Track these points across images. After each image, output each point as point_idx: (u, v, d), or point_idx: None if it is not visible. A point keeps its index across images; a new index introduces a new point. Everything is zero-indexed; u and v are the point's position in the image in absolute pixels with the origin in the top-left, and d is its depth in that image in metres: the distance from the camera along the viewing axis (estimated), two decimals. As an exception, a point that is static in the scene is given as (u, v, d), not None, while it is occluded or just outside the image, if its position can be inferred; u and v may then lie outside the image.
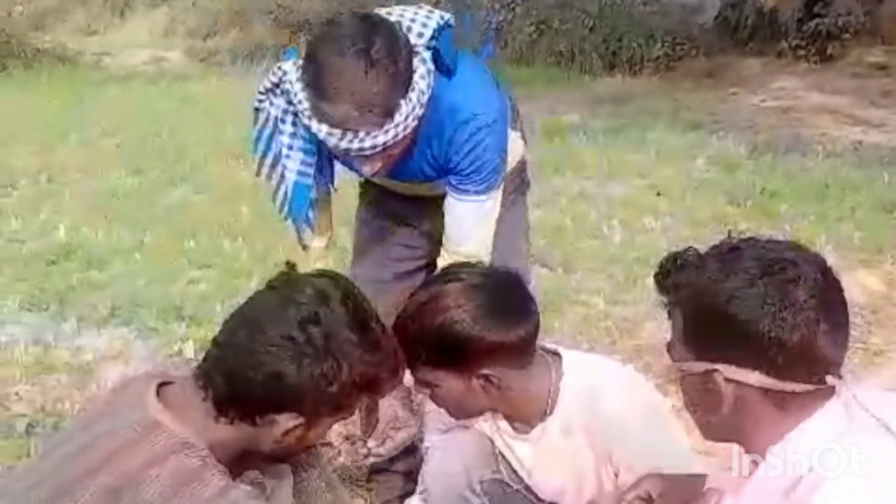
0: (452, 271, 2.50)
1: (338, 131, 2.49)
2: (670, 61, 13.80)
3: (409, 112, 2.53)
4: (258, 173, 2.90)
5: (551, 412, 2.53)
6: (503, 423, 2.65)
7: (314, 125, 2.52)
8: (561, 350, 2.60)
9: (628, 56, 13.79)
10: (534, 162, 3.62)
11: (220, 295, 5.61)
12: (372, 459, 2.96)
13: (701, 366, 1.77)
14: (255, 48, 15.10)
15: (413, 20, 2.67)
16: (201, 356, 2.10)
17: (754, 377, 1.72)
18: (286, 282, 2.08)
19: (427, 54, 2.62)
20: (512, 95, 3.05)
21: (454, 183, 2.85)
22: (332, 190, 3.05)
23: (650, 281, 2.01)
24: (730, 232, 1.93)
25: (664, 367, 1.93)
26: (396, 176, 2.87)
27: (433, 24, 2.69)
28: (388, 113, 2.50)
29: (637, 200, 7.33)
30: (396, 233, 3.22)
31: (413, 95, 2.54)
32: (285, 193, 2.86)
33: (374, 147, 2.52)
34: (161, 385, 2.07)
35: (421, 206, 3.13)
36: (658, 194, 7.44)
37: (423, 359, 2.38)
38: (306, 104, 2.53)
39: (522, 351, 2.43)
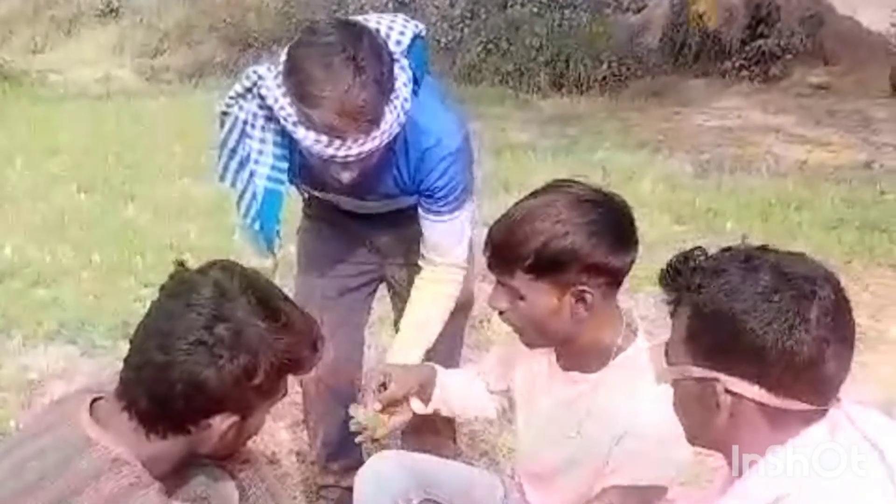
0: (564, 183, 2.40)
1: (325, 138, 2.49)
2: (617, 81, 13.89)
3: (393, 119, 2.54)
4: (222, 178, 2.84)
5: (609, 363, 2.43)
6: (550, 357, 2.55)
7: (300, 132, 2.51)
8: (638, 324, 2.51)
9: (575, 76, 13.86)
10: (483, 179, 3.64)
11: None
12: (367, 444, 2.89)
13: (701, 372, 1.75)
14: (203, 66, 15.04)
15: (391, 28, 2.69)
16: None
17: (755, 391, 1.69)
18: (181, 285, 2.01)
19: (405, 62, 2.64)
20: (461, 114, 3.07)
21: (427, 205, 2.87)
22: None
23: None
24: (744, 237, 1.93)
25: (660, 370, 1.89)
26: (358, 192, 2.86)
27: (409, 34, 2.71)
28: (375, 120, 2.51)
29: (584, 220, 7.23)
30: (344, 248, 3.21)
31: (397, 103, 2.55)
32: (252, 199, 2.82)
33: (359, 154, 2.52)
34: (95, 401, 2.02)
35: (373, 222, 3.13)
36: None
37: (525, 265, 2.27)
38: (290, 110, 2.52)
39: (619, 280, 2.36)
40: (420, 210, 2.92)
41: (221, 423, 1.97)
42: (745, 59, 13.83)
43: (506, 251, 2.28)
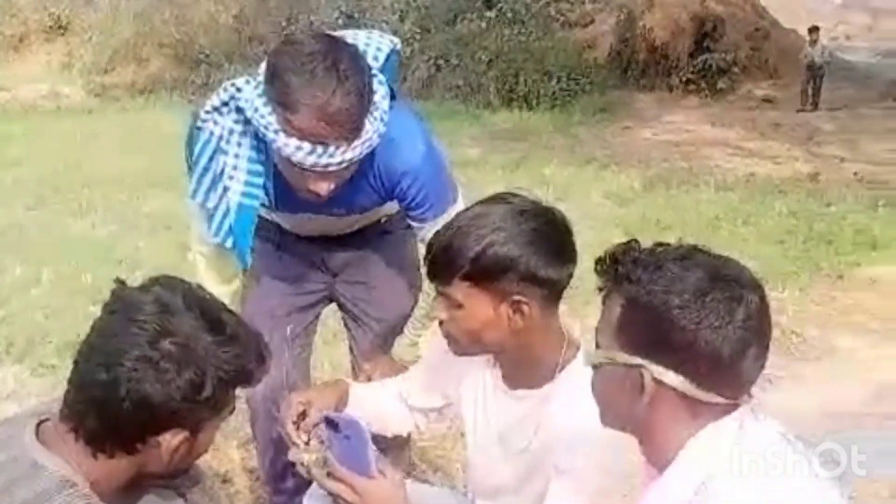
0: (506, 194, 2.41)
1: (307, 145, 2.46)
2: (566, 96, 13.99)
3: (373, 130, 2.53)
4: (194, 195, 2.75)
5: (555, 377, 2.37)
6: (495, 375, 2.51)
7: (281, 140, 2.47)
8: (580, 340, 2.46)
9: (525, 91, 13.95)
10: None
11: (119, 330, 5.53)
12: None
13: (629, 359, 1.77)
14: (153, 83, 15.01)
15: (367, 44, 2.68)
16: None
17: (679, 382, 1.72)
18: (122, 301, 1.94)
19: (382, 77, 2.63)
20: None
21: (412, 214, 2.87)
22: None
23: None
24: (680, 239, 1.91)
25: (587, 352, 1.92)
26: (332, 207, 2.84)
27: (386, 49, 2.72)
28: (357, 129, 2.49)
29: (533, 235, 7.27)
30: (294, 267, 3.20)
31: (377, 114, 2.54)
32: (224, 216, 2.75)
33: (340, 163, 2.50)
34: (41, 423, 1.97)
35: (326, 242, 3.14)
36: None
37: (462, 273, 2.25)
38: (270, 119, 2.48)
39: (557, 293, 2.32)
40: (408, 219, 2.92)
41: (171, 440, 1.94)
42: (692, 74, 13.99)
43: (444, 259, 2.28)
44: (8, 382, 4.99)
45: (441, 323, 2.39)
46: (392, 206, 3.00)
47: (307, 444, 2.50)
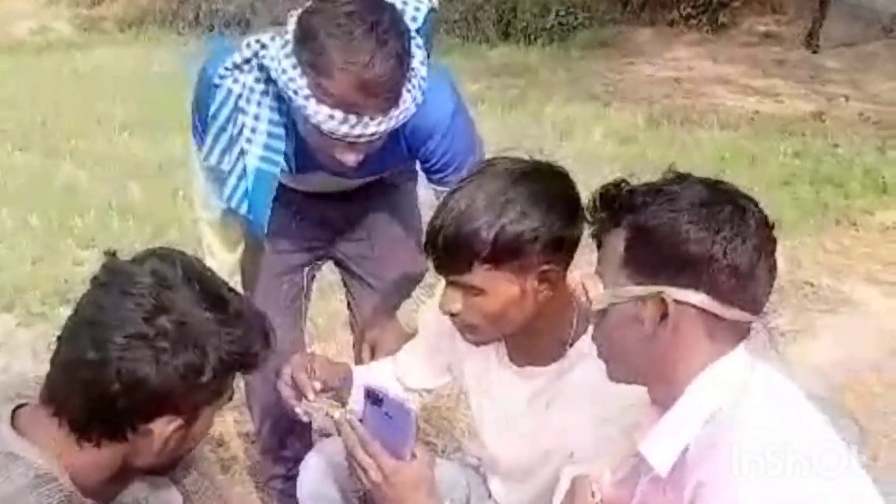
0: (494, 162, 2.24)
1: (340, 114, 2.30)
2: (564, 31, 13.77)
3: (411, 100, 2.39)
4: (208, 156, 2.63)
5: (566, 352, 2.29)
6: (500, 353, 2.41)
7: (311, 106, 2.31)
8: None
9: (522, 26, 13.73)
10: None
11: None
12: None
13: (647, 289, 1.74)
14: (143, 15, 14.75)
15: (405, 2, 2.48)
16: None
17: (701, 299, 1.70)
18: (115, 274, 1.79)
19: (420, 40, 2.47)
20: None
21: (435, 178, 2.74)
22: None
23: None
24: (671, 167, 1.90)
25: (595, 296, 1.83)
26: (349, 171, 2.68)
27: (424, 9, 2.52)
28: (395, 98, 2.34)
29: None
30: (292, 224, 3.02)
31: (415, 82, 2.39)
32: (239, 180, 2.61)
33: (373, 134, 2.35)
34: (18, 408, 1.82)
35: (326, 198, 2.98)
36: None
37: (482, 257, 2.12)
38: (300, 83, 2.32)
39: (573, 253, 2.22)
40: (431, 185, 2.79)
41: (164, 428, 1.78)
42: (692, 8, 13.75)
43: (457, 248, 2.11)
44: (-4, 332, 4.78)
45: (453, 315, 2.24)
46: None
47: (323, 392, 2.40)
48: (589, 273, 1.96)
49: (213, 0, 14.61)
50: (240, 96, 2.52)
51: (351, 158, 2.44)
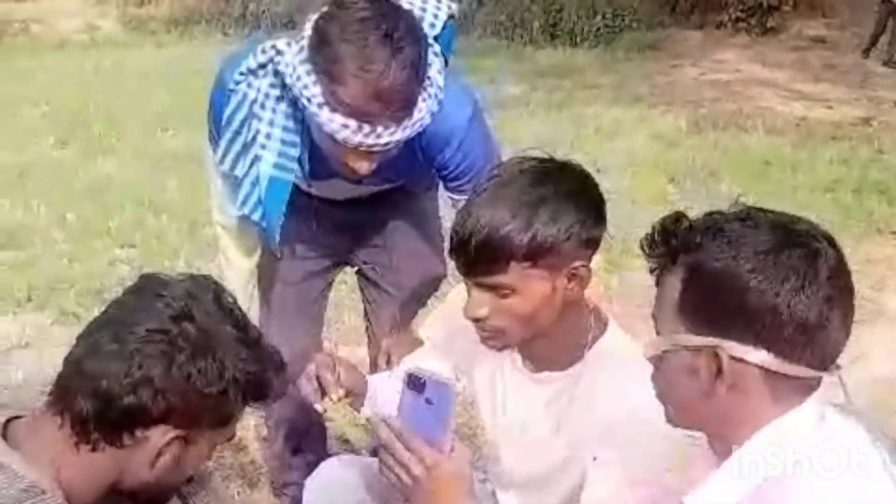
0: (517, 161, 2.16)
1: (353, 123, 2.25)
2: (611, 33, 13.72)
3: (427, 109, 2.33)
4: (221, 161, 2.58)
5: (583, 356, 2.22)
6: (513, 358, 2.33)
7: (324, 115, 2.26)
8: (608, 315, 2.31)
9: (569, 27, 13.69)
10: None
11: (143, 276, 5.40)
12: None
13: (700, 340, 1.58)
14: (190, 15, 14.83)
15: (424, 9, 2.43)
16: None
17: (762, 357, 1.53)
18: (149, 281, 1.80)
19: (438, 48, 2.42)
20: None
21: (451, 186, 2.67)
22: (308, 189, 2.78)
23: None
24: (739, 196, 1.74)
25: (648, 341, 1.72)
26: (363, 178, 2.65)
27: (443, 16, 2.47)
28: (409, 107, 2.29)
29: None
30: (310, 229, 2.98)
31: (431, 91, 2.34)
32: (253, 186, 2.58)
33: (387, 144, 2.29)
34: (11, 420, 1.82)
35: (345, 205, 2.93)
36: (598, 171, 7.25)
37: (520, 255, 2.06)
38: (314, 90, 2.27)
39: (597, 249, 2.16)
40: (447, 193, 2.72)
41: (160, 439, 1.74)
42: (741, 11, 13.66)
43: (494, 247, 2.05)
44: (28, 331, 4.84)
45: (478, 321, 2.17)
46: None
47: (345, 396, 2.36)
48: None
49: (260, 0, 14.68)
50: (254, 101, 2.48)
51: (364, 167, 2.39)
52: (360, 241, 3.03)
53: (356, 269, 3.14)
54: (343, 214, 2.94)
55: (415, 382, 1.88)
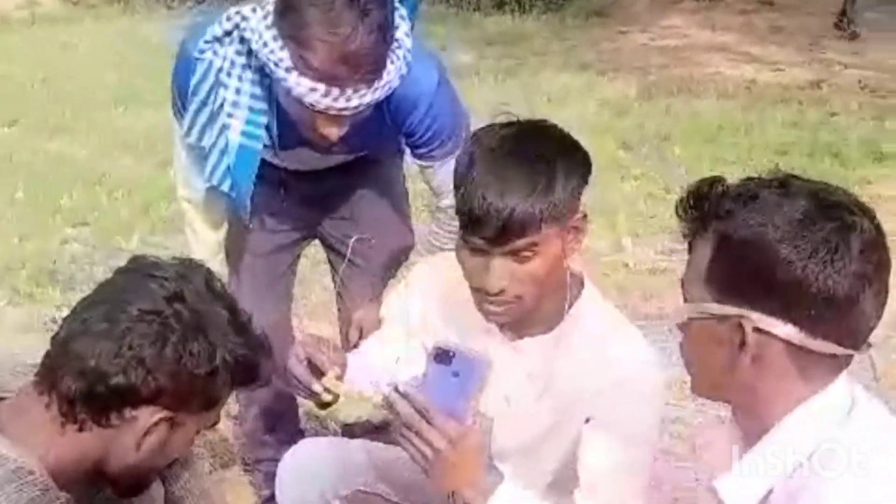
0: (505, 125, 2.17)
1: (322, 86, 2.25)
2: (559, 0, 13.67)
3: (395, 72, 2.35)
4: (188, 133, 2.58)
5: (564, 318, 2.24)
6: (490, 326, 2.32)
7: (292, 79, 2.27)
8: (582, 273, 2.32)
9: (517, -7, 13.63)
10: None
11: (97, 255, 5.34)
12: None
13: (726, 310, 1.56)
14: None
15: None
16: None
17: (787, 331, 1.52)
18: (140, 263, 1.84)
19: (404, 11, 2.43)
20: None
21: (419, 153, 2.69)
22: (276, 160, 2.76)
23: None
24: (777, 165, 1.72)
25: (674, 308, 1.70)
26: (332, 145, 2.62)
27: None
28: (377, 70, 2.30)
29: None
30: (277, 202, 2.95)
31: (399, 53, 2.35)
32: (221, 156, 2.56)
33: (357, 107, 2.30)
34: None
35: (311, 175, 2.91)
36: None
37: (549, 217, 2.06)
38: (281, 55, 2.27)
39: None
40: (415, 160, 2.75)
41: (148, 419, 1.73)
42: (688, -25, 13.66)
43: (523, 219, 2.03)
44: (-21, 313, 4.74)
45: (497, 295, 2.15)
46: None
47: (339, 378, 2.31)
48: None
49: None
50: (220, 69, 2.47)
51: (334, 132, 2.38)
52: (326, 213, 3.02)
53: (324, 241, 3.12)
54: (309, 186, 2.93)
55: (442, 356, 1.90)
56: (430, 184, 2.79)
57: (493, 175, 2.04)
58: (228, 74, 2.48)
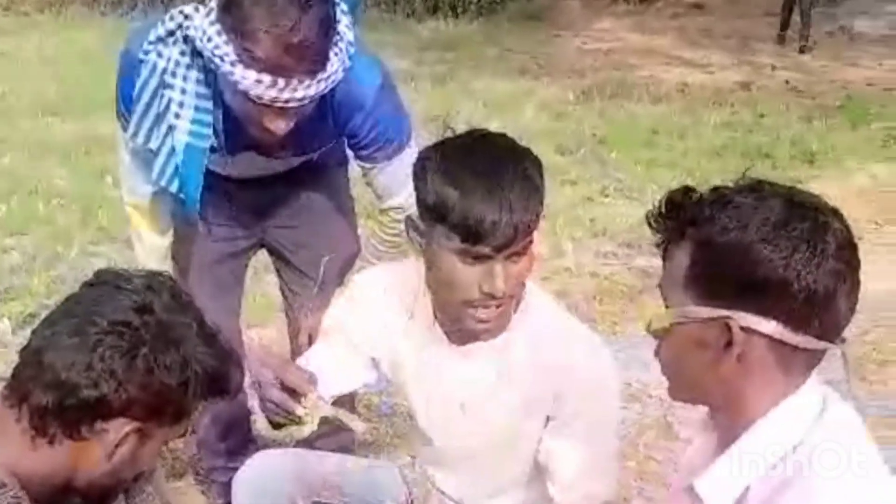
0: (484, 133, 2.22)
1: (268, 78, 2.25)
2: (493, 4, 13.74)
3: (339, 64, 2.35)
4: (134, 135, 2.57)
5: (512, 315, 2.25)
6: (436, 334, 2.33)
7: (238, 72, 2.26)
8: None
9: (451, -1, 13.69)
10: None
11: (37, 264, 5.29)
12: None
13: (712, 312, 1.59)
14: (62, -6, 14.49)
15: None
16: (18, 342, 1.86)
17: (772, 327, 1.55)
18: (107, 275, 1.81)
19: (345, 5, 2.43)
20: None
21: (366, 156, 2.69)
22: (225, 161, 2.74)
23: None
24: (744, 172, 1.71)
25: (654, 315, 1.72)
26: (278, 147, 2.63)
27: None
28: (322, 61, 2.31)
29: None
30: (223, 211, 2.95)
31: (342, 45, 2.36)
32: (169, 157, 2.55)
33: (302, 99, 2.31)
34: None
35: (256, 183, 2.93)
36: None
37: (538, 219, 2.11)
38: (226, 49, 2.27)
39: None
40: (358, 162, 2.75)
41: (119, 431, 1.74)
42: (618, -21, 13.80)
43: (527, 225, 2.08)
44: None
45: (499, 298, 2.18)
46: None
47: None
48: None
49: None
50: (164, 70, 2.47)
51: (281, 126, 2.40)
52: (272, 221, 3.02)
53: (270, 250, 3.13)
54: (255, 195, 2.94)
55: None
56: (372, 185, 2.81)
57: (485, 187, 2.07)
58: (173, 75, 2.48)
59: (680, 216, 1.64)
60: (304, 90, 2.30)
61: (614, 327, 4.45)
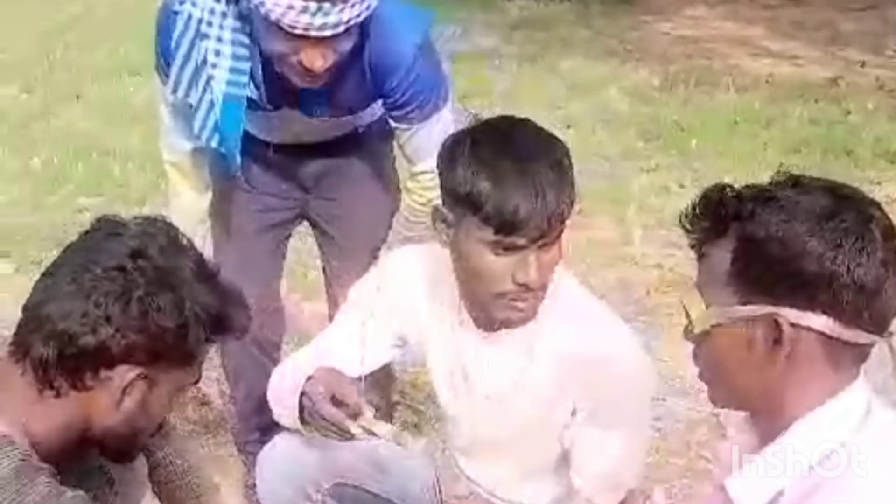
0: (503, 126, 2.21)
1: (299, 2, 2.25)
2: (586, -15, 13.59)
3: None
4: (174, 89, 2.58)
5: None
6: (464, 320, 2.33)
7: (269, 2, 2.26)
8: None
9: (542, -22, 13.55)
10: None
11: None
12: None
13: (759, 309, 1.56)
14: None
15: None
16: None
17: (823, 322, 1.52)
18: (104, 222, 1.83)
19: None
20: None
21: (397, 115, 2.69)
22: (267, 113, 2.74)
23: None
24: (780, 166, 1.74)
25: (696, 317, 1.68)
26: (317, 103, 2.61)
27: None
28: None
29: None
30: (265, 180, 2.93)
31: None
32: (210, 110, 2.56)
33: (336, 24, 2.30)
34: None
35: (300, 152, 2.90)
36: (568, 127, 7.23)
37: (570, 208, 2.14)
38: None
39: None
40: (392, 123, 2.74)
41: (124, 376, 1.74)
42: (714, -34, 13.56)
43: (563, 214, 2.09)
44: (-8, 279, 4.70)
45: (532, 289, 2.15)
46: (371, 114, 2.76)
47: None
48: None
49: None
50: (200, 20, 2.48)
51: (318, 62, 2.38)
52: (313, 193, 3.00)
53: (311, 222, 3.11)
54: (297, 165, 2.93)
55: None
56: (403, 148, 2.78)
57: (519, 177, 2.05)
58: (209, 24, 2.49)
59: (720, 213, 1.61)
60: (338, 14, 2.28)
61: (671, 319, 4.36)
